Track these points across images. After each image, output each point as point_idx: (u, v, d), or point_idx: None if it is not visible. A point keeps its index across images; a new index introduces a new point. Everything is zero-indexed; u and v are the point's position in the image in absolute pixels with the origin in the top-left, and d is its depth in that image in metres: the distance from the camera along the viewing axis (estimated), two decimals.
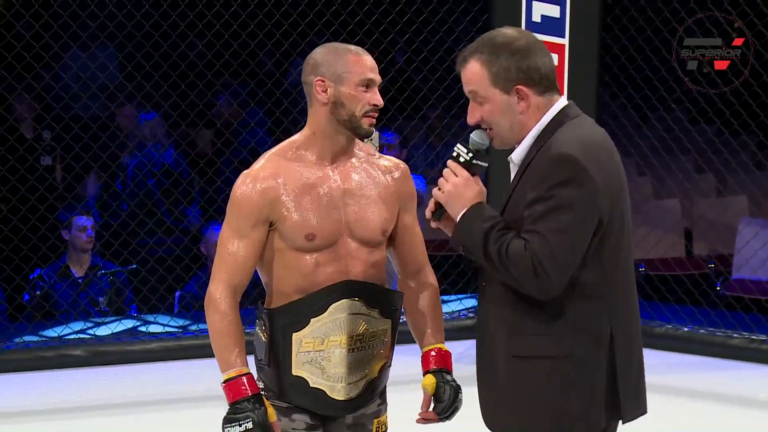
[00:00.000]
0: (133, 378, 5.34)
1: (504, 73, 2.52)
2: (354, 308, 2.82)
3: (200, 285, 6.14)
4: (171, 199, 6.13)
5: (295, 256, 2.80)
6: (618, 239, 2.48)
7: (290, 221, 2.78)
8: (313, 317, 2.79)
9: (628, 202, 2.56)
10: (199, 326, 5.75)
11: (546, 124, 2.53)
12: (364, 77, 2.78)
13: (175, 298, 6.29)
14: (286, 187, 2.79)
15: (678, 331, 5.80)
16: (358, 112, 2.78)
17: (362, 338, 2.84)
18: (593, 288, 2.47)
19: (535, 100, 2.53)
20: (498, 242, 2.48)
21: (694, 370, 5.59)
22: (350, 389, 2.84)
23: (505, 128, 2.56)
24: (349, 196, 2.84)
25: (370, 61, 2.81)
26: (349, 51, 2.81)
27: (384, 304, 2.86)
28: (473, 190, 2.58)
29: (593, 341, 2.49)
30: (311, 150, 2.83)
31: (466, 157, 2.59)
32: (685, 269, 6.90)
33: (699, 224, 7.44)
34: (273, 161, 2.83)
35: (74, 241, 6.08)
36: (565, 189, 2.42)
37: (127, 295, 6.20)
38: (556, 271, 2.43)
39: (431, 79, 6.03)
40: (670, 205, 7.32)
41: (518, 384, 2.53)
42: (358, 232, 2.83)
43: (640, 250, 6.93)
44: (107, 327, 5.74)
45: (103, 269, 6.13)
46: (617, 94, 6.72)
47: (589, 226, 2.43)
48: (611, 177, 2.48)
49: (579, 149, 2.45)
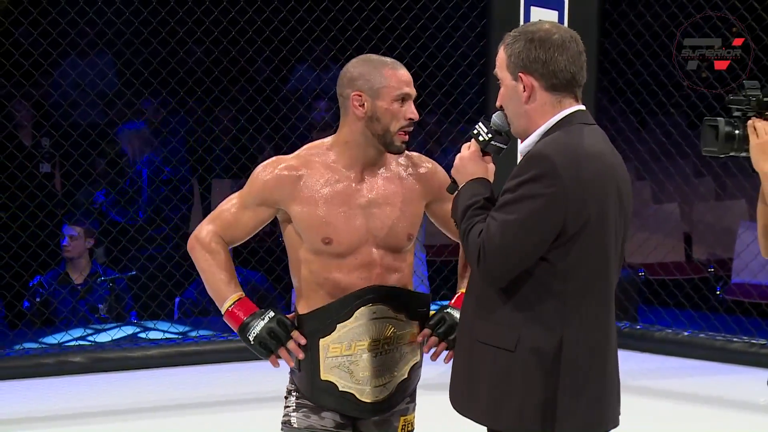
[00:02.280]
0: (133, 385, 5.34)
1: (515, 57, 2.54)
2: (380, 312, 2.86)
3: (200, 291, 6.14)
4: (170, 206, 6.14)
5: (320, 262, 2.84)
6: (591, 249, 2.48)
7: (305, 219, 2.82)
8: (339, 323, 2.84)
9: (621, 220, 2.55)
10: (199, 332, 5.76)
11: (553, 124, 2.54)
12: (400, 92, 2.82)
13: (174, 305, 6.30)
14: (306, 182, 2.84)
15: (678, 335, 5.80)
16: (393, 128, 2.82)
17: (389, 341, 2.88)
18: (552, 289, 2.48)
19: (541, 95, 2.54)
20: (467, 221, 2.55)
21: (694, 375, 5.59)
22: (379, 392, 2.89)
23: (513, 115, 2.59)
24: (374, 206, 2.87)
25: (406, 75, 2.84)
26: (385, 64, 2.84)
27: (410, 307, 2.90)
28: (477, 166, 2.63)
29: (539, 344, 2.49)
30: (341, 158, 2.88)
31: (484, 136, 2.64)
32: (685, 273, 6.92)
33: (698, 228, 7.45)
34: (302, 157, 2.88)
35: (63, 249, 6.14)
36: (531, 185, 2.45)
37: (126, 301, 6.21)
38: (497, 259, 2.46)
39: (430, 85, 6.04)
40: (669, 209, 7.33)
41: (472, 369, 2.57)
42: (383, 241, 2.87)
43: (639, 254, 6.95)
44: (107, 334, 5.75)
45: (102, 276, 6.14)
46: (616, 98, 6.73)
47: (546, 225, 2.44)
48: (595, 188, 2.47)
49: (559, 152, 2.46)
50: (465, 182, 2.62)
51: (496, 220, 2.47)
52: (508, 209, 2.46)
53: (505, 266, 2.47)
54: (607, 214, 2.51)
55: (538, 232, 2.45)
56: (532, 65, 2.53)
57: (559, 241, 2.46)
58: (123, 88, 6.26)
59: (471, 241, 2.51)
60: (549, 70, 2.52)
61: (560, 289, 2.48)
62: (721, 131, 2.89)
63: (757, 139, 2.87)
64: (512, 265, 2.47)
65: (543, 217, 2.44)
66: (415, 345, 2.92)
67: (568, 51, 2.53)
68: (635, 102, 6.45)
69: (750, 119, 2.89)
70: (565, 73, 2.53)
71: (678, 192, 7.32)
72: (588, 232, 2.47)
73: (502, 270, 2.47)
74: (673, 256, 7.14)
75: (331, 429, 2.89)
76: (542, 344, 2.49)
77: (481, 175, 2.62)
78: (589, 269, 2.50)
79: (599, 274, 2.52)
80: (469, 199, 2.57)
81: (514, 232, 2.44)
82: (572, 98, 2.56)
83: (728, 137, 2.90)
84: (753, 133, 2.88)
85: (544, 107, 2.55)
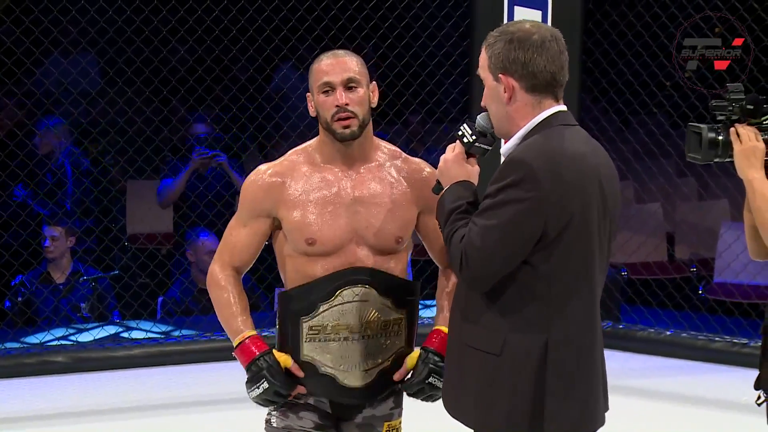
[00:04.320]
0: (116, 384, 5.33)
1: (495, 58, 2.54)
2: (364, 296, 2.84)
3: (183, 290, 6.13)
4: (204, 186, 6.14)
5: (303, 261, 2.84)
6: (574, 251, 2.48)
7: (290, 222, 2.82)
8: (321, 303, 2.83)
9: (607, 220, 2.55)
10: (182, 332, 5.75)
11: (533, 126, 2.54)
12: (320, 83, 2.83)
13: (157, 304, 6.28)
14: (291, 187, 2.84)
15: (660, 334, 5.82)
16: (330, 119, 2.82)
17: (373, 326, 2.85)
18: (535, 292, 2.49)
19: (522, 96, 2.53)
20: (450, 226, 2.55)
21: (676, 374, 5.61)
22: (360, 377, 2.87)
23: (495, 116, 2.59)
24: (359, 203, 2.86)
25: (329, 65, 2.82)
26: (317, 61, 2.87)
27: (398, 294, 2.88)
28: (461, 168, 2.62)
29: (524, 346, 2.50)
30: (321, 155, 2.89)
31: (469, 138, 2.63)
32: (667, 273, 6.94)
33: (681, 228, 7.47)
34: (286, 161, 2.90)
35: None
36: (511, 190, 2.45)
37: (109, 301, 6.19)
38: (478, 264, 2.46)
39: (413, 84, 6.04)
40: (652, 209, 7.34)
41: (462, 372, 2.57)
42: (368, 241, 2.85)
43: (622, 253, 6.96)
44: (89, 333, 5.72)
45: (84, 275, 6.12)
46: (599, 98, 6.74)
47: (527, 229, 2.45)
48: (576, 191, 2.47)
49: (540, 156, 2.46)
50: (449, 185, 2.62)
51: (477, 225, 2.47)
52: (489, 214, 2.46)
53: (487, 271, 2.47)
54: (590, 216, 2.51)
55: (519, 236, 2.45)
56: (511, 66, 2.52)
57: (541, 245, 2.47)
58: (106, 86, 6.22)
59: (453, 247, 2.51)
60: (528, 71, 2.52)
61: (544, 291, 2.49)
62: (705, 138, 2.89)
63: (740, 146, 2.87)
64: (494, 270, 2.47)
65: (523, 222, 2.44)
66: (402, 334, 2.91)
67: (547, 51, 2.52)
68: (618, 102, 6.47)
69: (733, 125, 2.89)
70: (545, 73, 2.52)
71: (661, 192, 7.34)
72: (570, 235, 2.47)
73: (484, 275, 2.48)
74: (655, 255, 7.16)
75: (309, 429, 2.88)
76: (528, 347, 2.50)
77: (465, 177, 2.62)
78: (573, 271, 2.51)
79: (583, 275, 2.53)
80: (453, 203, 2.57)
81: (495, 237, 2.45)
82: (552, 99, 2.55)
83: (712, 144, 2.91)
84: (736, 139, 2.89)
85: (526, 109, 2.54)
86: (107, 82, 6.31)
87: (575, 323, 2.53)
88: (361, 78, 2.84)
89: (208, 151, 6.35)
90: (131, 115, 6.21)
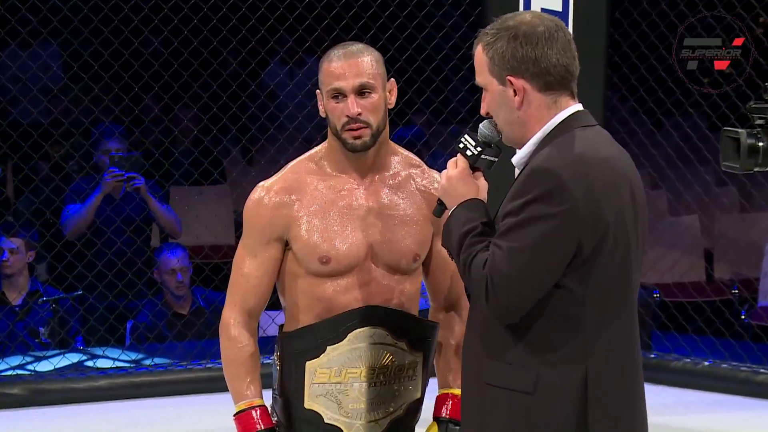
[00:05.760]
0: (79, 420, 5.34)
1: (498, 59, 2.52)
2: (377, 337, 2.85)
3: (155, 314, 6.15)
4: (122, 217, 6.14)
5: (311, 282, 2.86)
6: (611, 268, 2.49)
7: (302, 241, 2.83)
8: (329, 345, 2.84)
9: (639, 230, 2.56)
10: (153, 361, 5.76)
11: (550, 129, 2.54)
12: (330, 87, 2.84)
13: (126, 329, 6.29)
14: (300, 203, 2.86)
15: (697, 365, 5.82)
16: (339, 127, 2.83)
17: (386, 371, 2.87)
18: (570, 318, 2.48)
19: (535, 97, 2.53)
20: (467, 251, 2.52)
21: (716, 410, 5.60)
22: (371, 428, 2.89)
23: (505, 124, 2.58)
24: (375, 215, 2.88)
25: (340, 67, 2.83)
26: (327, 58, 2.87)
27: (414, 335, 2.90)
28: (467, 186, 2.61)
29: (561, 382, 2.48)
30: (331, 162, 2.90)
31: (473, 150, 2.62)
32: (705, 295, 6.93)
33: (720, 244, 7.48)
34: (290, 173, 2.91)
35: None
36: (537, 205, 2.43)
37: (71, 325, 6.19)
38: (507, 293, 2.44)
39: (417, 81, 6.06)
40: (687, 222, 7.35)
41: (484, 415, 2.54)
42: (384, 257, 2.87)
43: (654, 273, 6.97)
44: (49, 362, 5.73)
45: (44, 295, 6.12)
46: (627, 97, 6.76)
47: (560, 248, 2.44)
48: (609, 199, 2.48)
49: (566, 164, 2.45)
50: (455, 205, 2.60)
51: (502, 248, 2.45)
52: (514, 235, 2.44)
53: (518, 299, 2.45)
54: (625, 227, 2.51)
55: (551, 257, 2.44)
56: (520, 65, 2.51)
57: (575, 264, 2.46)
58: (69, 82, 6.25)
59: (475, 274, 2.49)
60: (541, 67, 2.51)
61: (580, 316, 2.48)
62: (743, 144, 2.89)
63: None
64: (525, 297, 2.45)
65: (555, 240, 2.43)
66: (417, 379, 2.92)
67: (557, 42, 2.52)
68: (649, 101, 6.48)
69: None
70: (559, 68, 2.52)
71: (698, 203, 7.35)
72: (606, 250, 2.47)
73: (514, 304, 2.46)
74: (691, 275, 7.17)
75: None
76: (565, 383, 2.48)
77: (474, 195, 2.60)
78: (611, 291, 2.50)
79: (622, 294, 2.53)
80: (464, 226, 2.54)
81: (523, 260, 2.43)
82: (568, 95, 2.56)
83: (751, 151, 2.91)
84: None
85: (540, 111, 2.54)
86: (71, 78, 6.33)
87: (616, 350, 2.52)
88: (375, 81, 2.84)
89: (124, 173, 6.12)
90: (98, 115, 6.23)
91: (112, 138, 6.34)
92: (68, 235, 6.19)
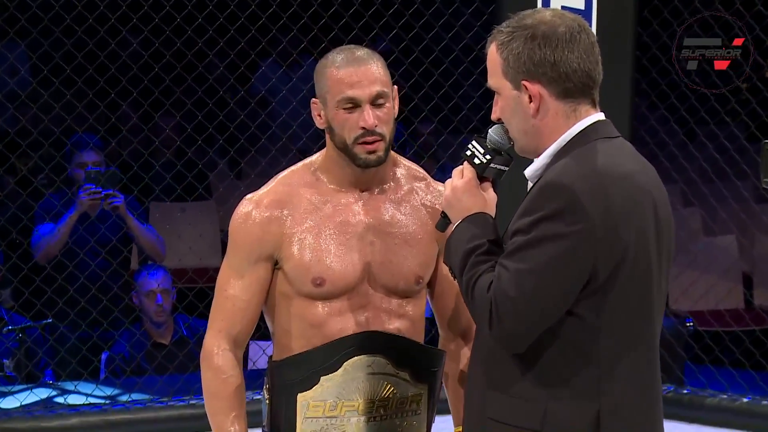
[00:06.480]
0: None
1: (513, 61, 2.54)
2: (376, 366, 2.85)
3: (133, 344, 6.13)
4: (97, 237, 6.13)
5: (303, 305, 2.86)
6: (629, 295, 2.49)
7: (294, 261, 2.82)
8: (323, 375, 2.83)
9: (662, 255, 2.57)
10: (131, 396, 5.74)
11: (568, 140, 2.55)
12: (342, 96, 2.81)
13: (101, 361, 6.28)
14: (293, 218, 2.85)
15: (735, 402, 5.80)
16: (349, 140, 2.81)
17: (387, 404, 2.88)
18: (582, 349, 2.48)
19: (553, 104, 2.54)
20: (471, 271, 2.53)
21: None
22: None
23: (517, 132, 2.59)
24: (374, 233, 2.88)
25: (353, 74, 2.81)
26: (332, 63, 2.84)
27: (418, 364, 2.89)
28: (474, 198, 2.62)
29: (571, 419, 2.48)
30: (329, 175, 2.88)
31: (481, 158, 2.61)
32: (744, 324, 6.93)
33: (761, 267, 7.48)
34: (281, 185, 2.91)
35: None
36: (549, 223, 2.44)
37: (40, 357, 6.18)
38: (513, 319, 2.45)
39: (424, 86, 6.06)
40: (724, 243, 7.36)
41: None
42: (382, 279, 2.87)
43: (686, 300, 6.96)
44: (15, 398, 5.70)
45: (9, 324, 6.11)
46: (656, 104, 6.76)
47: (573, 272, 2.44)
48: (629, 219, 2.47)
49: (582, 179, 2.46)
50: (460, 219, 2.61)
51: (509, 269, 2.45)
52: (523, 255, 2.44)
53: (525, 326, 2.46)
54: (646, 251, 2.51)
55: (562, 281, 2.44)
56: (538, 69, 2.52)
57: (589, 290, 2.46)
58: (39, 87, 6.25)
59: (478, 298, 2.49)
60: (560, 72, 2.52)
61: (593, 348, 2.48)
62: None
63: None
64: (533, 324, 2.46)
65: (568, 263, 2.43)
66: (422, 414, 2.90)
67: (579, 45, 2.53)
68: (681, 108, 6.47)
69: None
70: (579, 73, 2.53)
71: (735, 222, 7.34)
72: (624, 276, 2.47)
73: (520, 332, 2.46)
74: (729, 302, 7.17)
75: None
76: (576, 420, 2.49)
77: (481, 208, 2.61)
78: (628, 321, 2.51)
79: (641, 325, 2.53)
80: (469, 242, 2.55)
81: (532, 283, 2.43)
82: (589, 103, 2.57)
83: None
84: None
85: (558, 120, 2.55)
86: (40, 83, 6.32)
87: (632, 386, 2.52)
88: (388, 89, 2.85)
89: (101, 190, 6.09)
90: (70, 124, 6.22)
91: (87, 149, 6.31)
92: (39, 259, 6.17)
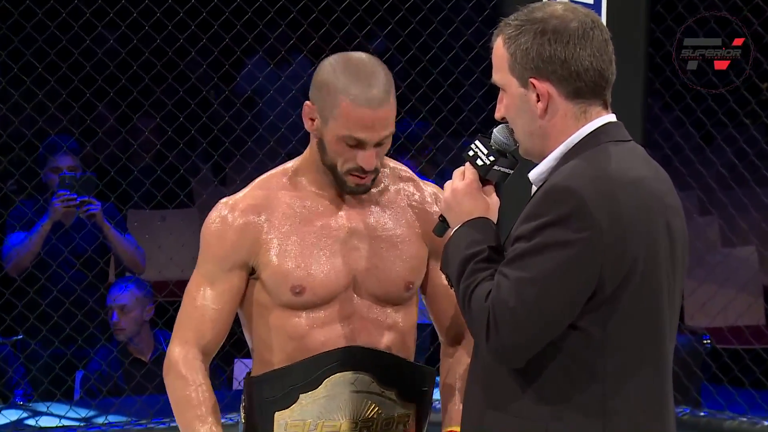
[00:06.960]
0: None
1: (520, 56, 2.54)
2: (360, 384, 2.85)
3: (110, 362, 6.13)
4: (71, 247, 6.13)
5: (282, 316, 2.84)
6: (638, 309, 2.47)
7: (272, 268, 2.82)
8: (302, 392, 2.82)
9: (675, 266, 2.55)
10: (108, 418, 5.73)
11: (576, 142, 2.55)
12: (350, 134, 2.78)
13: (76, 381, 6.27)
14: (270, 223, 2.84)
15: (756, 425, 5.81)
16: (341, 169, 2.81)
17: (371, 425, 2.88)
18: (587, 366, 2.47)
19: (562, 104, 2.54)
20: (468, 279, 2.52)
21: None
22: None
23: (523, 133, 2.59)
24: (358, 237, 2.87)
25: (368, 117, 2.76)
26: (345, 91, 2.76)
27: (406, 383, 2.88)
28: (475, 201, 2.62)
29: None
30: (309, 177, 2.88)
31: (484, 159, 2.61)
32: (765, 342, 6.93)
33: None
34: (258, 189, 2.91)
35: None
36: (553, 229, 2.43)
37: (10, 375, 6.17)
38: (512, 331, 2.44)
39: (422, 86, 6.06)
40: (743, 254, 7.35)
41: None
42: (369, 287, 2.86)
43: (703, 315, 6.96)
44: None
45: None
46: (671, 105, 6.76)
47: (577, 282, 2.43)
48: (639, 227, 2.46)
49: (590, 183, 2.44)
50: (460, 223, 2.60)
51: (509, 278, 2.44)
52: (525, 263, 2.43)
53: (524, 339, 2.45)
54: (657, 262, 2.50)
55: (565, 292, 2.43)
56: (547, 66, 2.51)
57: (595, 302, 2.45)
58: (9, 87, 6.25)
59: (476, 307, 2.48)
60: (571, 71, 2.51)
61: (599, 365, 2.47)
62: None
63: None
64: (533, 337, 2.44)
65: (572, 272, 2.42)
66: None
67: (591, 42, 2.52)
68: (697, 110, 6.47)
69: None
70: (591, 72, 2.52)
71: (756, 232, 7.34)
72: (633, 287, 2.46)
73: (519, 345, 2.45)
74: (749, 317, 7.16)
75: None
76: None
77: (482, 212, 2.60)
78: (637, 337, 2.49)
79: (650, 341, 2.52)
80: (468, 249, 2.54)
81: (533, 293, 2.42)
82: (600, 104, 2.56)
83: None
84: None
85: (565, 120, 2.54)
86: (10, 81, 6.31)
87: (640, 407, 2.51)
88: (394, 126, 2.84)
89: (76, 197, 6.06)
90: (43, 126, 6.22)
91: (61, 153, 6.29)
92: (9, 270, 6.16)
